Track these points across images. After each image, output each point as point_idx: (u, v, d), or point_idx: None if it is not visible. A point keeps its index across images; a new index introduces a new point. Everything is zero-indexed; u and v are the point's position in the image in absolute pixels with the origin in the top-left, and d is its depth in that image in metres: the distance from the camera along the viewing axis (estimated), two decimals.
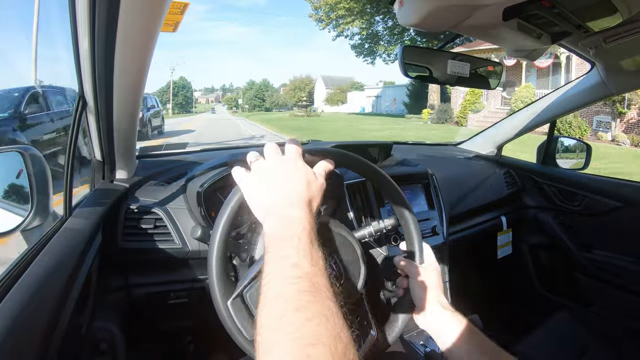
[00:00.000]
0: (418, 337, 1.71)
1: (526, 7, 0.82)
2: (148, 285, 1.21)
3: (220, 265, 0.72)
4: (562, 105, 1.88)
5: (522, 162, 2.27)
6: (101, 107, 1.01)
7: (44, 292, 0.73)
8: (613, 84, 1.60)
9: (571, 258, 2.05)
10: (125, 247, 1.16)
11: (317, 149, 0.80)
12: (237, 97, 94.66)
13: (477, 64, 1.24)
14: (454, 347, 0.82)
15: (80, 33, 0.84)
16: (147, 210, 1.20)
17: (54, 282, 0.77)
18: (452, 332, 0.83)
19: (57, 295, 0.76)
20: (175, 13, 1.04)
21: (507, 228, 2.07)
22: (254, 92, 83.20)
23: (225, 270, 0.72)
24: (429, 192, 1.67)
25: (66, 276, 0.81)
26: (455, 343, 0.82)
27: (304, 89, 70.58)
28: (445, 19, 0.89)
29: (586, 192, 1.97)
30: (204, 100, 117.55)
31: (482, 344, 0.81)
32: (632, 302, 1.82)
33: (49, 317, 0.71)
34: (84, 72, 0.94)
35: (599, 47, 1.19)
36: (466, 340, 0.82)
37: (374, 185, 0.90)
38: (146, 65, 0.89)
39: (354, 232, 0.93)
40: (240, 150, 1.72)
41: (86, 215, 1.05)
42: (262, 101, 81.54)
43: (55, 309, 0.73)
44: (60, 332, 0.73)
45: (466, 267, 1.90)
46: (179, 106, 78.28)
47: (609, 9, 0.85)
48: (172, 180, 1.34)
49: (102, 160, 1.23)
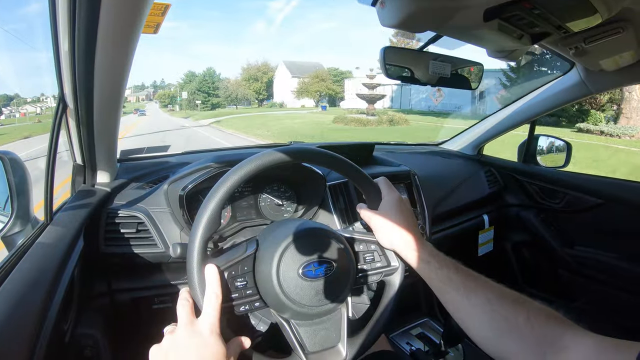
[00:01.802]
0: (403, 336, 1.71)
1: (507, 8, 0.83)
2: (132, 290, 1.20)
3: (200, 274, 0.73)
4: (542, 105, 1.90)
5: (503, 161, 2.29)
6: (81, 110, 0.99)
7: (27, 300, 0.72)
8: (592, 84, 1.62)
9: (554, 255, 2.07)
10: (107, 252, 1.14)
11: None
12: (172, 94, 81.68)
13: (458, 64, 1.25)
14: (411, 256, 0.84)
15: (61, 35, 0.83)
16: (129, 215, 1.18)
17: (36, 290, 0.76)
18: (411, 247, 0.84)
19: (40, 302, 0.75)
20: (156, 14, 1.02)
21: (489, 226, 2.09)
22: (197, 85, 62.65)
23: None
24: (412, 192, 1.68)
25: (49, 283, 0.80)
26: (413, 255, 0.84)
27: (260, 78, 59.89)
28: (427, 20, 0.89)
29: (567, 189, 2.00)
30: (133, 99, 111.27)
31: (437, 255, 0.82)
32: (616, 296, 1.86)
33: (33, 325, 0.70)
34: (64, 74, 0.93)
35: (579, 48, 1.20)
36: (423, 250, 0.83)
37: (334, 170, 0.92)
38: (127, 66, 0.88)
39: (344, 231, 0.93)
40: (224, 153, 1.69)
41: (67, 220, 1.03)
42: (207, 96, 61.72)
43: (38, 316, 0.72)
44: (45, 340, 0.72)
45: None
46: None
47: (589, 10, 0.86)
48: (154, 184, 1.33)
49: (83, 164, 1.21)
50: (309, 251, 0.81)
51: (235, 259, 0.78)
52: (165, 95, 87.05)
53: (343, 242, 0.87)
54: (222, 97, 62.49)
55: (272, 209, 1.39)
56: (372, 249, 0.92)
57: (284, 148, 0.81)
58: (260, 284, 0.79)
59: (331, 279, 0.81)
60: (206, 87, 62.92)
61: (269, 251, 0.79)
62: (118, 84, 0.93)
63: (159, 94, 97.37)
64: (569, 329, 0.62)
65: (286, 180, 1.41)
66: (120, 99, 1.00)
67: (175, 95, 77.05)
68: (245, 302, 0.78)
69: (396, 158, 1.87)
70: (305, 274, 0.79)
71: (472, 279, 0.76)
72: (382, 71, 1.15)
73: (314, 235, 0.84)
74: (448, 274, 0.78)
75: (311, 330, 0.83)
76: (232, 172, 0.77)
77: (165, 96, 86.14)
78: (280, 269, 0.78)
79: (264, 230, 0.90)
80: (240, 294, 0.77)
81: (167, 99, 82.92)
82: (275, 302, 0.79)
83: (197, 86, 62.93)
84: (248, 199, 1.36)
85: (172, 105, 74.26)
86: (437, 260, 0.81)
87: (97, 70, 0.85)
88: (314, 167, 1.35)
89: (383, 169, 1.74)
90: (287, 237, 0.80)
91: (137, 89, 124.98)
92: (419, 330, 1.76)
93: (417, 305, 1.87)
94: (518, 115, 2.02)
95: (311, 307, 0.80)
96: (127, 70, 0.89)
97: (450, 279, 0.77)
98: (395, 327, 1.75)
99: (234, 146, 2.92)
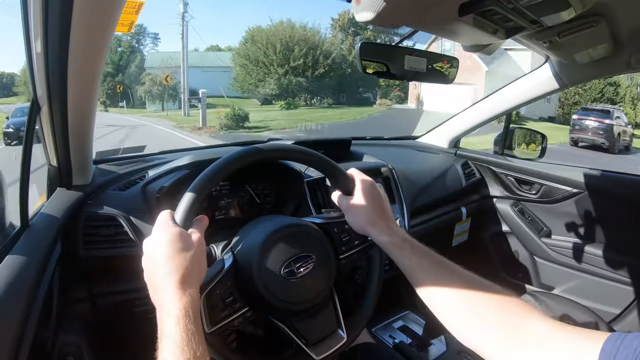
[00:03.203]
0: (385, 329, 1.72)
1: (481, 3, 0.83)
2: (112, 294, 1.18)
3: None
4: (517, 98, 1.93)
5: (480, 153, 2.32)
6: (55, 111, 0.97)
7: (6, 309, 0.72)
8: (566, 77, 1.65)
9: (532, 244, 2.11)
10: (86, 255, 1.12)
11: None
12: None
13: (434, 59, 1.25)
14: (383, 241, 0.84)
15: (33, 34, 0.81)
16: (107, 217, 1.16)
17: (15, 299, 0.75)
18: (384, 231, 0.84)
19: (19, 310, 0.74)
20: (130, 13, 1.02)
21: (466, 218, 2.12)
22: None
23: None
24: (390, 186, 1.68)
25: (27, 290, 0.79)
26: (385, 239, 0.84)
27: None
28: (402, 15, 0.89)
29: (543, 180, 2.03)
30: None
31: (410, 241, 0.83)
32: (593, 284, 1.90)
33: (14, 334, 0.70)
34: (37, 75, 0.91)
35: (553, 41, 1.22)
36: (396, 235, 0.84)
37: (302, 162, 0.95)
38: (101, 65, 0.87)
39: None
40: (201, 152, 1.67)
41: (44, 224, 1.01)
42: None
43: (19, 325, 0.72)
44: (26, 348, 0.72)
45: None
46: None
47: (563, 4, 0.88)
48: (131, 185, 1.31)
49: (58, 166, 1.18)
50: (286, 250, 0.81)
51: (216, 278, 0.77)
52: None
53: (316, 231, 0.88)
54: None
55: (251, 207, 1.38)
56: (346, 229, 0.92)
57: (251, 147, 0.82)
58: (248, 295, 0.79)
59: (315, 270, 0.82)
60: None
61: (247, 262, 0.79)
62: (92, 82, 0.92)
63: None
64: (540, 318, 0.62)
65: (265, 178, 1.41)
66: (94, 99, 0.99)
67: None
68: (238, 316, 0.78)
69: (373, 153, 1.88)
70: (289, 273, 0.79)
71: (444, 265, 0.77)
72: (358, 66, 1.14)
73: (287, 234, 0.84)
74: (421, 260, 0.78)
75: (309, 323, 0.84)
76: (205, 174, 0.77)
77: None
78: (263, 277, 0.77)
79: (235, 240, 0.89)
80: (232, 310, 0.77)
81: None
82: (267, 308, 0.79)
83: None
84: (226, 197, 1.35)
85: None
86: (411, 246, 0.81)
87: (71, 71, 0.84)
88: (291, 164, 1.35)
89: (360, 164, 1.74)
90: (262, 243, 0.80)
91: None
92: (401, 323, 1.76)
93: (399, 298, 1.88)
94: (493, 108, 2.05)
95: (304, 303, 0.81)
96: (101, 69, 0.88)
97: (422, 266, 0.77)
98: (377, 320, 1.75)
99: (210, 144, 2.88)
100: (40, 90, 0.94)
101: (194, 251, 0.68)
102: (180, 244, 0.67)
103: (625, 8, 1.07)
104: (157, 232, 0.70)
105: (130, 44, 34.79)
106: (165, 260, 0.65)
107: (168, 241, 0.67)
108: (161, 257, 0.66)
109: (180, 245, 0.67)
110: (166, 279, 0.64)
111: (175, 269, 0.65)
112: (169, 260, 0.65)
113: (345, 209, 0.90)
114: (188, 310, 0.61)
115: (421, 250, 0.80)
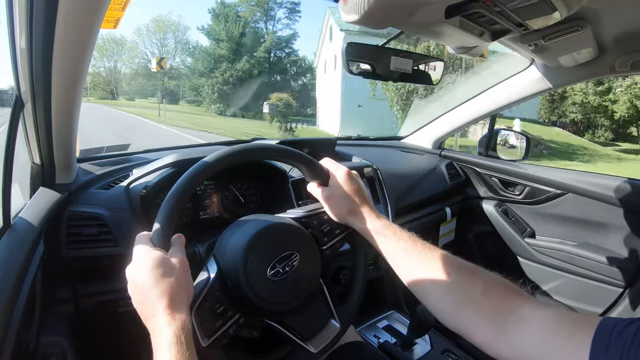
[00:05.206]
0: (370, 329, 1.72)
1: (468, 6, 0.84)
2: (96, 294, 1.16)
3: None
4: (502, 100, 1.94)
5: (464, 154, 2.33)
6: (39, 108, 0.96)
7: None
8: (551, 79, 1.67)
9: (516, 245, 2.12)
10: (69, 255, 1.10)
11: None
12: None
13: (419, 60, 1.25)
14: (365, 229, 0.84)
15: (17, 30, 0.80)
16: (90, 216, 1.15)
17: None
18: (364, 219, 0.84)
19: (1, 312, 0.73)
20: (116, 9, 1.00)
21: (451, 218, 2.13)
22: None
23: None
24: (374, 186, 1.69)
25: (9, 291, 0.78)
26: (367, 227, 0.83)
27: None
28: (389, 17, 0.89)
29: (527, 181, 2.05)
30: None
31: (392, 226, 0.83)
32: (577, 284, 1.92)
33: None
34: (20, 72, 0.89)
35: (538, 44, 1.23)
36: (377, 222, 0.83)
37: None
38: (86, 62, 0.86)
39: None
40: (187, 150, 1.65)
41: (26, 224, 0.99)
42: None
43: (1, 326, 0.71)
44: (9, 350, 0.71)
45: None
46: None
47: (549, 8, 0.88)
48: (115, 184, 1.29)
49: (41, 165, 1.16)
50: (269, 253, 0.81)
51: (203, 292, 0.76)
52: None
53: (296, 227, 0.87)
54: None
55: (235, 206, 1.38)
56: (326, 219, 0.92)
57: (235, 148, 0.82)
58: (238, 302, 0.79)
59: (300, 266, 0.82)
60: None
61: (232, 270, 0.79)
62: (76, 79, 0.91)
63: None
64: (527, 301, 0.63)
65: (249, 177, 1.40)
66: (78, 96, 0.98)
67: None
68: (232, 324, 0.78)
69: (358, 153, 1.88)
70: (275, 274, 0.79)
71: (428, 249, 0.77)
72: (343, 67, 1.13)
73: (267, 235, 0.83)
74: (405, 245, 0.78)
75: (302, 319, 0.85)
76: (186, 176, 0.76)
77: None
78: (250, 282, 0.77)
79: (217, 244, 0.88)
80: (224, 319, 0.77)
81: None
82: (259, 311, 0.80)
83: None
84: (211, 196, 1.35)
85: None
86: (393, 231, 0.81)
87: (55, 67, 0.83)
88: (275, 163, 1.35)
89: (346, 164, 1.72)
90: (243, 251, 0.79)
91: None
92: (386, 323, 1.76)
93: (383, 298, 1.88)
94: (478, 110, 2.06)
95: (294, 300, 0.81)
96: (86, 66, 0.87)
97: (406, 251, 0.77)
98: (362, 320, 1.76)
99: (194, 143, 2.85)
100: (23, 86, 0.92)
101: (178, 273, 0.67)
102: (163, 269, 0.66)
103: (610, 13, 1.09)
104: (138, 258, 0.69)
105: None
106: (151, 287, 0.65)
107: (150, 268, 0.66)
108: (146, 285, 0.65)
109: (163, 270, 0.66)
110: (155, 305, 0.63)
111: (162, 295, 0.64)
112: (153, 287, 0.64)
113: (324, 201, 0.89)
114: (180, 336, 0.60)
115: (404, 235, 0.80)
